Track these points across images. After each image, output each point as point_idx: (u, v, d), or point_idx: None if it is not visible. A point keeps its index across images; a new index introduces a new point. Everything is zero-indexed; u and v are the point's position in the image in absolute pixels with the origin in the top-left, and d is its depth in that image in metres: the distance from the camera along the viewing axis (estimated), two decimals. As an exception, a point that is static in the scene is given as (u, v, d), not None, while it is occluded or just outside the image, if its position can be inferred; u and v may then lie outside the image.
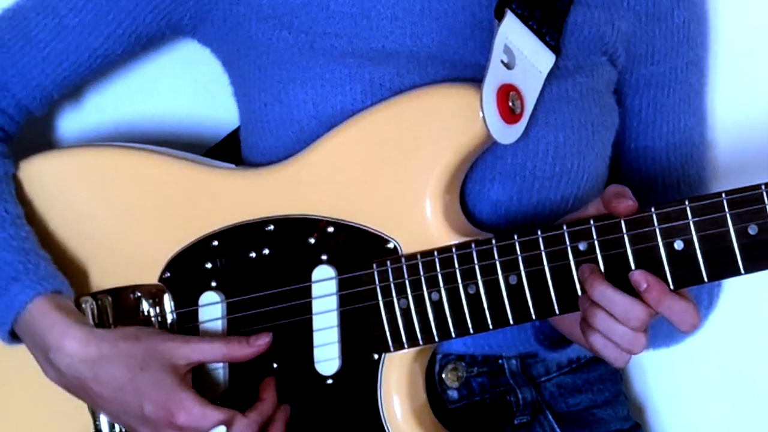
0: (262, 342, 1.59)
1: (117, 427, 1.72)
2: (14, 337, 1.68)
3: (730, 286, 1.81)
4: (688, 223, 1.48)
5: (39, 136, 1.93)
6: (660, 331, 1.66)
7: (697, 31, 1.83)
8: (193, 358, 1.59)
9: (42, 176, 1.77)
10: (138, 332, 1.63)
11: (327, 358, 1.63)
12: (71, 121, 1.97)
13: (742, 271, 1.48)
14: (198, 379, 1.67)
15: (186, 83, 1.97)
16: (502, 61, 1.59)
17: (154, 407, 1.56)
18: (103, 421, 1.72)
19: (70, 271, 1.72)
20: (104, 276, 1.73)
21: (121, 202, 1.74)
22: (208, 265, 1.68)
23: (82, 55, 1.77)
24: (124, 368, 1.58)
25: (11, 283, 1.63)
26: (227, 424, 1.55)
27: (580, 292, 1.53)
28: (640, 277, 1.47)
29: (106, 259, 1.73)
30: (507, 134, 1.58)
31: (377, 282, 1.61)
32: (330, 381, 1.63)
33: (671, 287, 1.48)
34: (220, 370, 1.68)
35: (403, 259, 1.60)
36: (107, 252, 1.73)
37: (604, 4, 1.74)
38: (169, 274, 1.70)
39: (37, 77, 1.77)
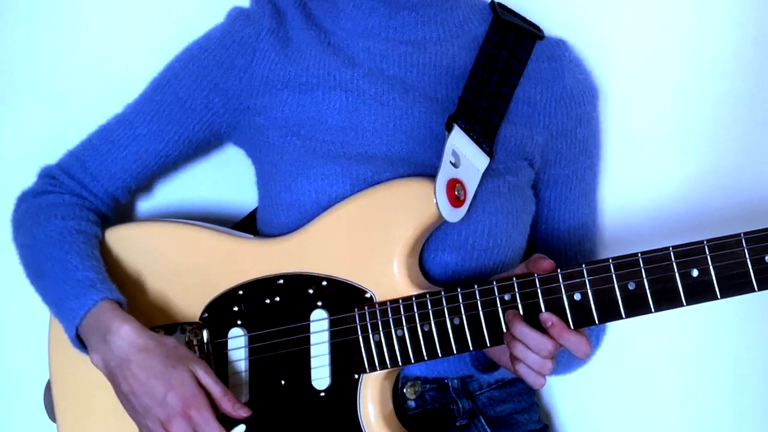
0: (240, 413, 1.58)
1: None
2: (77, 337, 1.65)
3: (612, 328, 1.82)
4: (585, 280, 1.50)
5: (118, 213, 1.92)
6: (560, 362, 1.67)
7: (593, 144, 1.83)
8: (206, 383, 1.58)
9: (119, 240, 1.77)
10: (177, 344, 1.62)
11: (320, 377, 1.63)
12: (141, 202, 1.97)
13: (623, 317, 1.49)
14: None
15: (218, 179, 1.96)
16: (450, 162, 1.60)
17: (175, 397, 1.54)
18: None
19: (137, 310, 1.70)
20: (160, 315, 1.72)
21: (173, 261, 1.74)
22: (235, 308, 1.68)
23: (150, 155, 1.78)
24: (162, 362, 1.57)
25: (90, 289, 1.63)
26: None
27: (505, 330, 1.53)
28: (546, 317, 1.49)
29: (162, 302, 1.72)
30: (453, 215, 1.59)
31: (357, 322, 1.61)
32: (322, 394, 1.62)
33: (571, 327, 1.50)
34: (243, 387, 1.67)
35: (376, 305, 1.60)
36: (163, 297, 1.72)
37: (525, 123, 1.74)
38: (207, 314, 1.69)
39: (119, 172, 1.78)
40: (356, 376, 1.62)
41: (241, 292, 1.68)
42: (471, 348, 1.56)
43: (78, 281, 1.65)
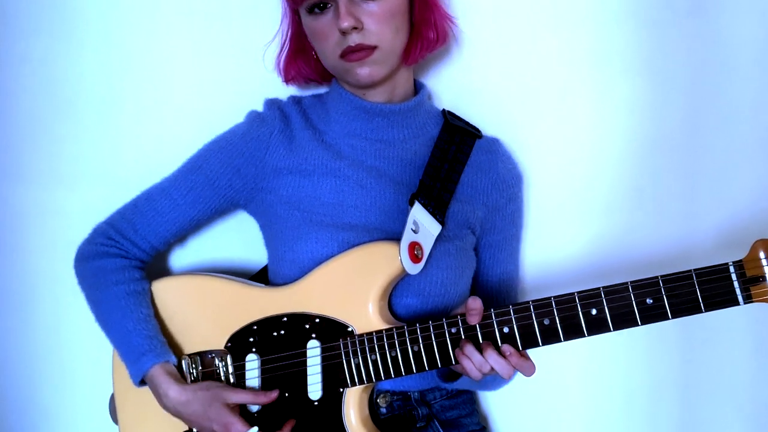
0: (272, 396, 1.62)
1: None
2: (142, 383, 1.69)
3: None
4: (512, 317, 1.51)
5: (159, 269, 1.93)
6: (489, 380, 1.69)
7: (518, 216, 1.83)
8: (238, 401, 1.62)
9: (166, 288, 1.78)
10: (209, 384, 1.64)
11: (314, 390, 1.62)
12: (183, 260, 1.97)
13: (540, 345, 1.51)
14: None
15: (237, 241, 1.94)
16: (412, 229, 1.62)
17: (218, 425, 1.59)
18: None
19: (177, 340, 1.73)
20: (195, 343, 1.71)
21: (205, 303, 1.73)
22: (251, 339, 1.67)
23: (185, 220, 1.76)
24: (201, 406, 1.62)
25: (143, 356, 1.66)
26: None
27: (452, 354, 1.54)
28: (483, 344, 1.52)
29: (197, 334, 1.72)
30: (413, 269, 1.61)
31: (342, 349, 1.61)
32: (316, 403, 1.62)
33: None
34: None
35: (356, 337, 1.60)
36: (198, 329, 1.72)
37: (469, 201, 1.74)
38: (230, 344, 1.68)
39: (162, 231, 1.76)
40: (341, 390, 1.61)
41: (255, 327, 1.68)
42: (427, 368, 1.56)
43: (133, 347, 1.68)
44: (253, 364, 1.68)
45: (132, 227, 1.78)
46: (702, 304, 1.44)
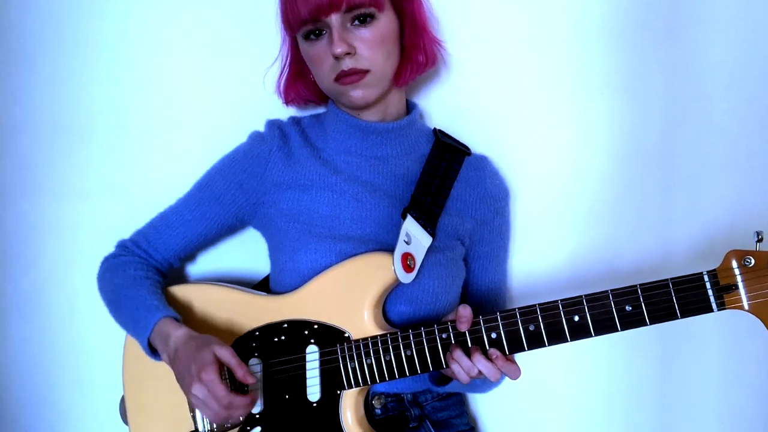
0: (249, 379, 1.53)
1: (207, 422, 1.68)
2: (150, 347, 1.67)
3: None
4: (499, 324, 1.54)
5: (174, 275, 1.93)
6: (478, 383, 1.70)
7: (506, 229, 1.84)
8: (225, 357, 1.54)
9: (175, 296, 1.79)
10: (212, 336, 1.59)
11: (313, 392, 1.64)
12: (191, 270, 1.98)
13: (526, 349, 1.53)
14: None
15: (243, 254, 1.96)
16: (404, 240, 1.64)
17: (196, 366, 1.51)
18: (198, 415, 1.69)
19: None
20: None
21: (211, 311, 1.74)
22: (254, 344, 1.68)
23: (194, 234, 1.80)
24: (196, 347, 1.55)
25: (154, 311, 1.65)
26: (225, 400, 1.52)
27: (443, 358, 1.55)
28: (472, 349, 1.53)
29: None
30: (406, 278, 1.63)
31: (339, 354, 1.62)
32: (315, 405, 1.64)
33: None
34: (259, 400, 1.66)
35: (352, 342, 1.62)
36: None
37: (458, 214, 1.75)
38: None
39: (172, 245, 1.80)
40: (338, 392, 1.63)
41: (257, 333, 1.69)
42: (419, 372, 1.58)
43: (146, 307, 1.67)
44: (255, 368, 1.68)
45: (146, 240, 1.82)
46: (678, 311, 1.47)
